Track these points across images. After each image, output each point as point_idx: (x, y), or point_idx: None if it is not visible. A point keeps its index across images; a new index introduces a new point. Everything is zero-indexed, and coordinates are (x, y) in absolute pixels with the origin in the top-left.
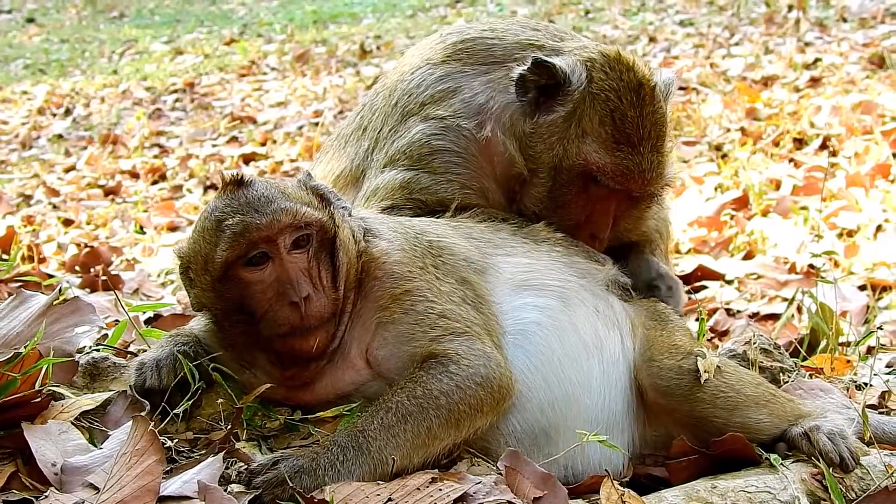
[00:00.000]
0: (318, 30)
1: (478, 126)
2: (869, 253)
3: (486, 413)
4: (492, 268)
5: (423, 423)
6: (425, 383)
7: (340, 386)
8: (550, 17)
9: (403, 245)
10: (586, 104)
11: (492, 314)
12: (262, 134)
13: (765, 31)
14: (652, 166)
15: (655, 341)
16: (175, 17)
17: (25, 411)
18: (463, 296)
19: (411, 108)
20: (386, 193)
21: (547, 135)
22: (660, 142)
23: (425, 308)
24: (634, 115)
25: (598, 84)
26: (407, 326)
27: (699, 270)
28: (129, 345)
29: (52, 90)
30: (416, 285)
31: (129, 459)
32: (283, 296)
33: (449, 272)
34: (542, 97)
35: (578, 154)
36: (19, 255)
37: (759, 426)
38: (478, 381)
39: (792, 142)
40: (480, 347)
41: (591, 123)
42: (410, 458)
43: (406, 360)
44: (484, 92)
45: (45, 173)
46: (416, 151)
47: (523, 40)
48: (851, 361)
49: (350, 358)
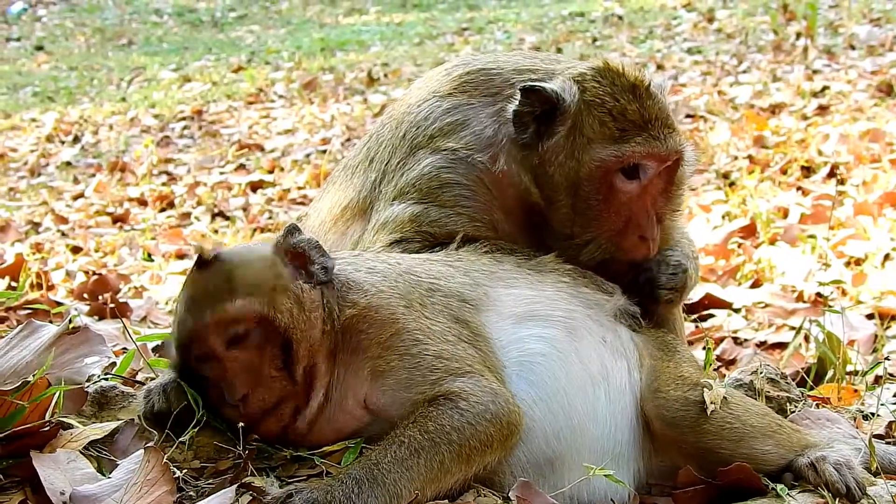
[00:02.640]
0: (325, 57)
1: (491, 159)
2: (877, 282)
3: (496, 449)
4: (491, 302)
5: (435, 458)
6: (436, 419)
7: (341, 431)
8: (558, 45)
9: (385, 290)
10: (584, 114)
11: (490, 350)
12: (270, 161)
13: (773, 59)
14: (669, 134)
15: (662, 372)
16: (183, 45)
17: (34, 440)
18: (458, 334)
19: (420, 141)
20: (395, 227)
21: (554, 157)
22: (669, 120)
23: (419, 351)
24: (635, 108)
25: (591, 92)
26: (405, 373)
27: (706, 299)
28: (137, 373)
29: (61, 117)
30: (402, 326)
31: (139, 490)
32: (223, 396)
33: (440, 312)
34: (541, 126)
35: (592, 160)
36: (28, 282)
37: (766, 457)
38: (488, 418)
39: (800, 170)
40: (487, 384)
41: (593, 129)
42: (424, 491)
43: (409, 406)
44: (491, 125)
45: (54, 200)
46: (425, 185)
47: (520, 67)
48: (859, 391)
49: (347, 408)
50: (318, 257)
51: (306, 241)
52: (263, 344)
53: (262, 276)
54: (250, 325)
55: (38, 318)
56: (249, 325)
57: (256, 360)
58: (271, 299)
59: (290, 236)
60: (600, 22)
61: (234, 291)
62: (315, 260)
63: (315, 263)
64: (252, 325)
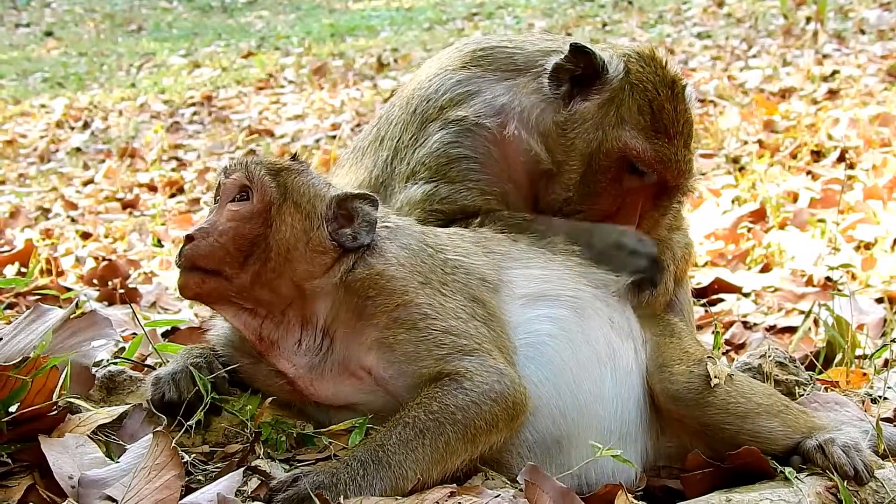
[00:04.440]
0: (335, 43)
1: (500, 125)
2: (886, 266)
3: (501, 429)
4: (506, 283)
5: (440, 438)
6: (441, 399)
7: (344, 393)
8: (568, 30)
9: (406, 264)
10: (625, 93)
11: (503, 331)
12: (280, 147)
13: (782, 44)
14: (685, 159)
15: (667, 349)
16: (193, 31)
17: (42, 424)
18: (472, 312)
19: (430, 114)
20: (409, 209)
21: (581, 122)
22: (690, 139)
23: (426, 325)
24: (670, 108)
25: (636, 75)
26: (412, 346)
27: (716, 283)
28: (146, 358)
29: (71, 103)
30: (410, 299)
31: (148, 473)
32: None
33: (458, 290)
34: (574, 88)
35: (618, 139)
36: (38, 268)
37: (772, 435)
38: (493, 398)
39: (809, 154)
40: (493, 364)
41: (630, 111)
42: (429, 472)
43: (415, 379)
44: (506, 94)
45: (64, 186)
46: (433, 162)
47: (544, 48)
48: (867, 374)
49: (351, 369)
50: (360, 228)
51: (364, 213)
52: (249, 220)
53: (302, 191)
54: (256, 198)
55: (48, 303)
56: (256, 197)
57: (233, 226)
58: (285, 202)
59: (357, 199)
60: (610, 6)
61: (275, 175)
62: (355, 227)
63: (351, 230)
64: (257, 199)
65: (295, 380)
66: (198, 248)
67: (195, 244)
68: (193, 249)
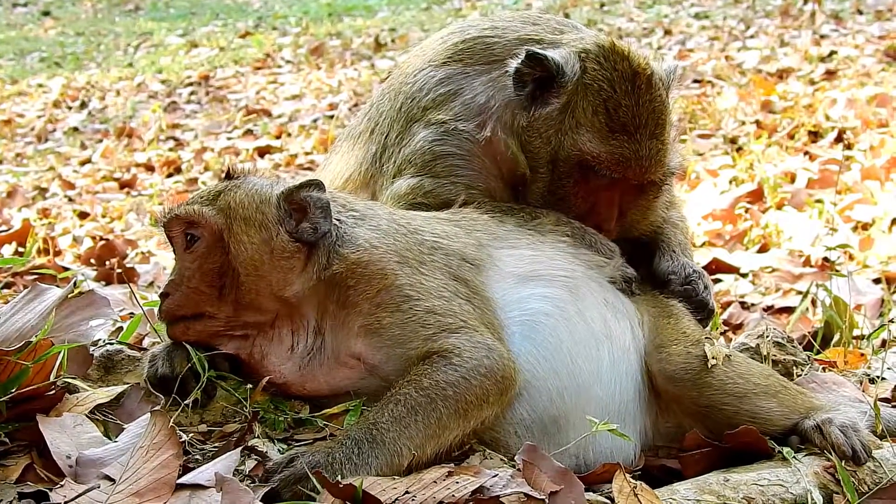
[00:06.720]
0: (332, 23)
1: (477, 127)
2: (884, 246)
3: (492, 403)
4: (492, 262)
5: (433, 414)
6: (431, 375)
7: (335, 383)
8: (566, 11)
9: (379, 246)
10: (579, 95)
11: (488, 308)
12: (277, 127)
13: (780, 24)
14: (650, 153)
15: (664, 329)
16: (190, 10)
17: (40, 404)
18: (454, 291)
19: (414, 114)
20: (394, 203)
21: (543, 128)
22: (658, 129)
23: (409, 307)
24: (630, 103)
25: (591, 74)
26: (398, 329)
27: (714, 263)
28: (144, 338)
29: (68, 83)
30: (391, 282)
31: (146, 453)
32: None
33: (438, 269)
34: (538, 90)
35: (573, 145)
36: (35, 248)
37: (770, 416)
38: (482, 373)
39: (807, 135)
40: (480, 340)
41: (585, 114)
42: (423, 448)
43: (403, 362)
44: (485, 92)
45: (61, 166)
46: (419, 159)
47: (523, 36)
48: (865, 355)
49: (341, 359)
50: (316, 217)
51: (314, 200)
52: (207, 256)
53: (246, 204)
54: (204, 234)
55: (45, 283)
56: (203, 233)
57: (197, 267)
58: (233, 223)
59: (303, 189)
60: None
61: (212, 202)
62: (311, 218)
63: (308, 221)
64: (206, 234)
65: (287, 386)
66: (173, 300)
67: (171, 298)
68: (170, 303)
